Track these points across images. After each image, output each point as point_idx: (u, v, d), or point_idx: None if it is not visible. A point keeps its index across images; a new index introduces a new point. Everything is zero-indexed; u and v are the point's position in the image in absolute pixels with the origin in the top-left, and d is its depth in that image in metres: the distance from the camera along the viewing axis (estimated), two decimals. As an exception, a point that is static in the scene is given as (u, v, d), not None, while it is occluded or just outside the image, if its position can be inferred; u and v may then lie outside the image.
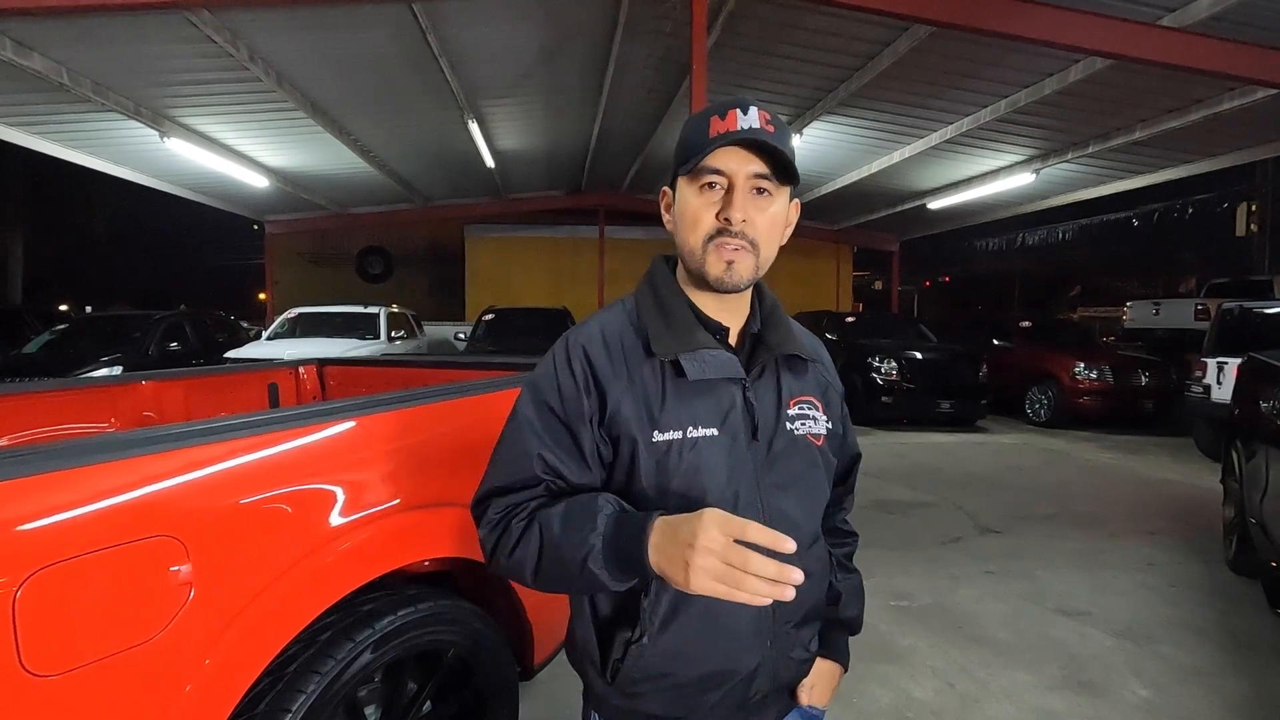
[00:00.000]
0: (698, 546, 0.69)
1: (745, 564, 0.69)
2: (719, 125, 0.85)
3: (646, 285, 0.95)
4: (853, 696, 2.53)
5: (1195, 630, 3.10)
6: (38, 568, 0.88)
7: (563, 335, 0.94)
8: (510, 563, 0.85)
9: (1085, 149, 8.78)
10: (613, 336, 0.90)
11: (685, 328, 0.89)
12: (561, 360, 0.90)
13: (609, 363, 0.88)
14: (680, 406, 0.87)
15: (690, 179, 0.87)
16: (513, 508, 0.86)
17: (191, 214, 16.78)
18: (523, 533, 0.84)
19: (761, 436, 0.90)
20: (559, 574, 0.82)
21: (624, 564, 0.77)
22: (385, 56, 7.04)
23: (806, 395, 0.96)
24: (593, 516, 0.79)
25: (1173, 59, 5.46)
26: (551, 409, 0.88)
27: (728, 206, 0.85)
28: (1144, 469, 6.54)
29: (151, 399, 2.52)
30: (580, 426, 0.87)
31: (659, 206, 0.96)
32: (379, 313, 9.69)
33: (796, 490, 0.93)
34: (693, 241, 0.87)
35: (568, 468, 0.87)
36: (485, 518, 0.88)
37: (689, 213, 0.87)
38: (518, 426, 0.90)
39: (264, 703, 1.17)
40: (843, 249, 16.66)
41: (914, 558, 3.99)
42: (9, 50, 5.85)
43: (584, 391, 0.87)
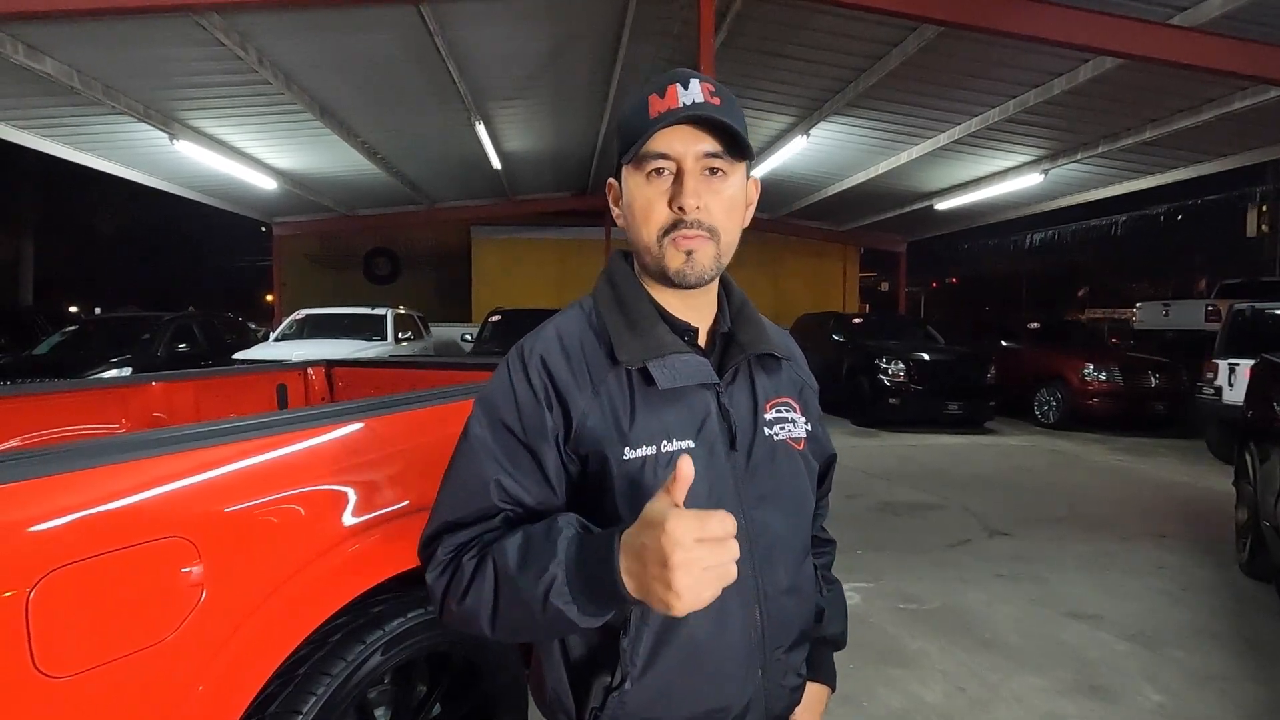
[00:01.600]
0: (674, 564, 0.58)
1: (722, 553, 0.60)
2: (659, 104, 0.77)
3: (605, 285, 0.86)
4: (862, 700, 2.52)
5: (1208, 635, 3.07)
6: (51, 569, 0.88)
7: (516, 344, 0.84)
8: (462, 610, 0.73)
9: (1094, 149, 8.73)
10: (572, 343, 0.81)
11: (651, 331, 0.80)
12: (518, 372, 0.80)
13: (570, 373, 0.79)
14: (651, 418, 0.78)
15: (635, 167, 0.79)
16: (464, 545, 0.75)
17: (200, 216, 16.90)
18: (474, 572, 0.72)
19: (740, 445, 0.82)
20: (520, 618, 0.70)
21: (594, 594, 0.66)
22: (393, 58, 7.07)
23: (783, 397, 0.89)
24: (552, 542, 0.68)
25: (1184, 58, 5.42)
26: (508, 428, 0.78)
27: (679, 193, 0.77)
28: (1154, 471, 6.50)
29: (162, 400, 2.53)
30: (542, 445, 0.77)
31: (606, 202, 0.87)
32: (386, 314, 9.73)
33: (781, 501, 0.85)
34: (646, 236, 0.79)
35: (529, 493, 0.77)
36: (434, 559, 0.77)
37: (638, 204, 0.79)
38: (470, 450, 0.79)
39: (275, 704, 1.17)
40: (849, 250, 16.62)
41: (922, 560, 3.97)
42: (21, 54, 5.89)
43: (545, 406, 0.78)
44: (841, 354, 9.61)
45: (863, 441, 7.88)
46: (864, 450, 7.38)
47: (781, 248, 15.19)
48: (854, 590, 3.53)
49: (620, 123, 0.82)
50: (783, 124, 9.38)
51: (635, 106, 0.79)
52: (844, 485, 5.77)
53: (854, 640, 3.02)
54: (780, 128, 9.48)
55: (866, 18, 6.08)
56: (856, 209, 13.65)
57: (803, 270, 15.63)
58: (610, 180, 0.86)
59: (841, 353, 9.63)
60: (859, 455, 7.09)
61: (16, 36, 5.78)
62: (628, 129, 0.79)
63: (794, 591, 0.86)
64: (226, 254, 32.57)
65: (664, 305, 0.84)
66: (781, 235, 14.99)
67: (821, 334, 10.47)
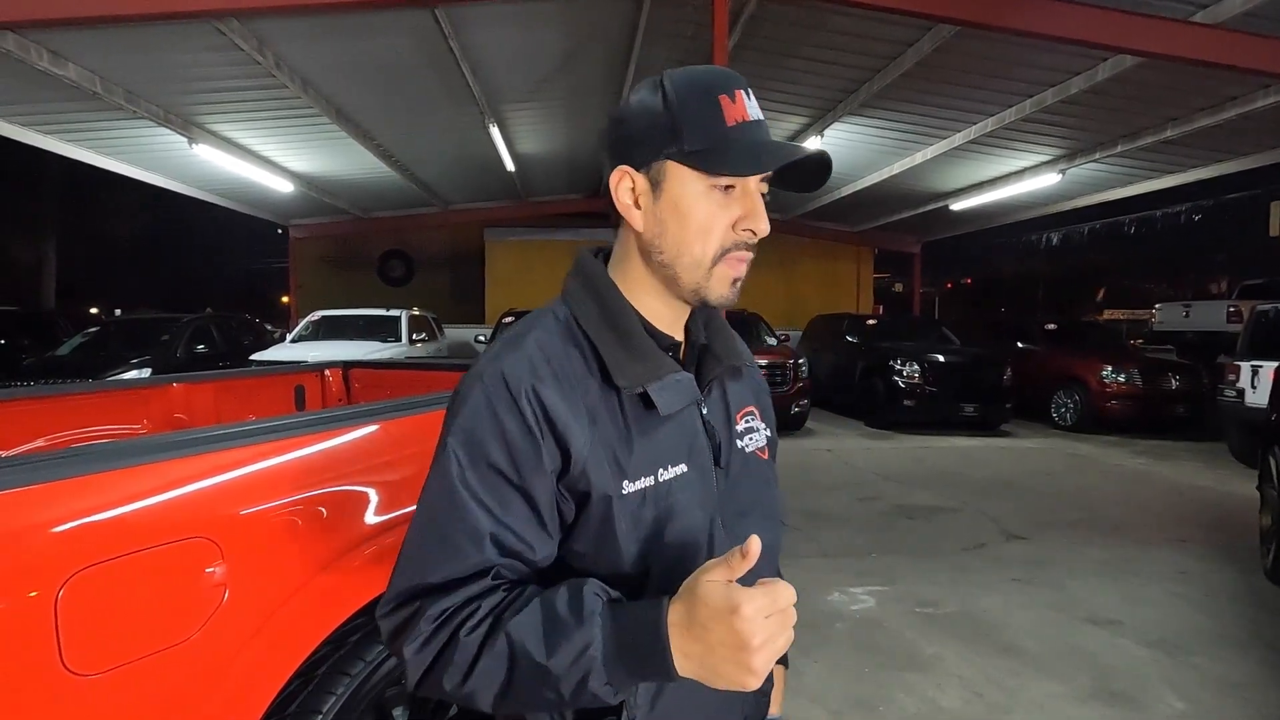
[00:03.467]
0: (755, 648, 0.57)
1: (790, 622, 0.59)
2: (733, 109, 0.70)
3: (586, 296, 0.76)
4: (878, 705, 2.51)
5: (1232, 641, 3.02)
6: (78, 569, 0.89)
7: (487, 365, 0.72)
8: (461, 692, 0.64)
9: (1113, 148, 8.63)
10: (560, 364, 0.71)
11: (647, 351, 0.73)
12: (503, 402, 0.68)
13: (566, 403, 0.69)
14: (648, 446, 0.72)
15: (698, 173, 0.70)
16: (455, 611, 0.64)
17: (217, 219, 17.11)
18: (480, 650, 0.62)
19: (722, 461, 0.78)
20: (538, 699, 0.63)
21: (639, 675, 0.61)
22: (408, 62, 7.12)
23: (748, 405, 0.86)
24: (582, 620, 0.61)
25: (1205, 56, 5.35)
26: (496, 468, 0.68)
27: (754, 216, 0.71)
28: (1175, 475, 6.40)
29: (182, 401, 2.56)
30: (538, 487, 0.68)
31: (613, 191, 0.75)
32: (400, 316, 9.80)
33: (757, 514, 0.82)
34: (699, 252, 0.72)
35: (528, 545, 0.68)
36: (414, 629, 0.64)
37: (699, 218, 0.71)
38: (451, 496, 0.67)
39: (295, 703, 1.18)
40: (863, 251, 16.51)
41: (938, 564, 3.94)
42: (45, 60, 5.99)
43: (539, 441, 0.68)
44: (855, 355, 9.56)
45: (876, 444, 7.83)
46: (878, 452, 7.33)
47: (795, 249, 15.13)
48: (869, 593, 3.50)
49: (672, 107, 0.71)
50: (796, 125, 9.35)
51: (701, 99, 0.70)
52: (858, 487, 5.73)
53: (869, 644, 3.02)
54: (794, 128, 9.45)
55: (881, 18, 6.05)
56: (871, 210, 13.57)
57: (816, 271, 15.55)
58: (626, 169, 0.73)
59: (855, 354, 9.58)
60: (873, 457, 7.05)
61: (40, 43, 5.88)
62: (695, 124, 0.70)
63: None
64: (243, 256, 32.97)
65: (649, 317, 0.77)
66: (795, 236, 14.93)
67: (835, 335, 10.42)
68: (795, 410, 8.21)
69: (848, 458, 7.02)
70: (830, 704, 2.50)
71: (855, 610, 3.31)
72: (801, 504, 5.15)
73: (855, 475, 6.21)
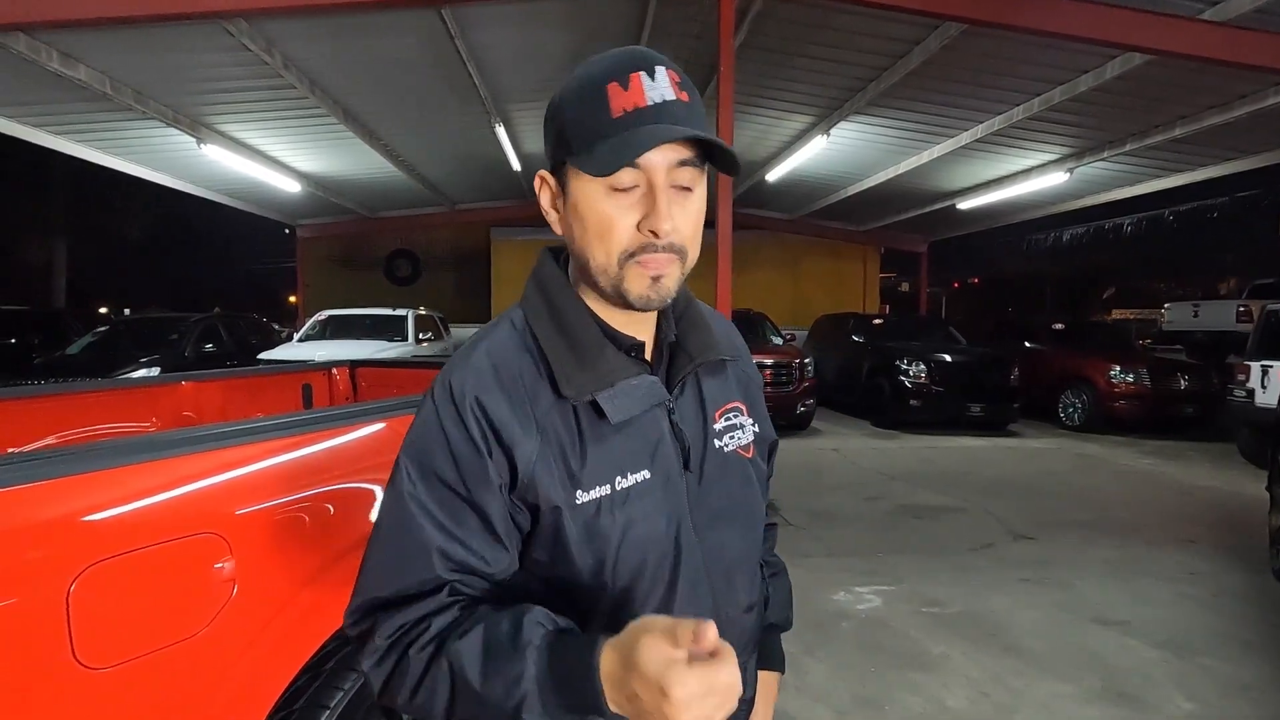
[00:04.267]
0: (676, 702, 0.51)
1: (731, 696, 0.53)
2: (621, 97, 0.64)
3: (540, 299, 0.74)
4: (884, 704, 2.50)
5: (1241, 642, 3.00)
6: (90, 563, 0.90)
7: (446, 372, 0.72)
8: (412, 707, 0.64)
9: (1122, 147, 8.57)
10: (509, 373, 0.70)
11: (597, 356, 0.70)
12: (449, 414, 0.68)
13: (510, 414, 0.68)
14: (602, 454, 0.70)
15: (590, 172, 0.65)
16: (408, 629, 0.64)
17: (225, 219, 17.19)
18: (426, 670, 0.63)
19: (692, 465, 0.75)
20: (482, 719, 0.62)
21: (573, 709, 0.59)
22: (415, 62, 7.14)
23: (732, 401, 0.81)
24: (520, 651, 0.59)
25: (1216, 54, 5.30)
26: (445, 481, 0.67)
27: (654, 215, 0.65)
28: (1183, 475, 6.36)
29: (191, 399, 2.58)
30: (486, 498, 0.67)
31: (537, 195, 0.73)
32: (407, 315, 9.83)
33: (735, 518, 0.78)
34: (602, 257, 0.67)
35: (478, 557, 0.67)
36: (371, 644, 0.65)
37: (595, 220, 0.67)
38: (402, 510, 0.67)
39: (303, 698, 1.19)
40: (869, 250, 16.45)
41: (944, 564, 3.93)
42: (55, 61, 6.04)
43: (485, 453, 0.67)
44: (861, 355, 9.53)
45: (882, 443, 7.81)
46: (884, 452, 7.31)
47: (801, 248, 15.10)
48: (874, 593, 3.50)
49: (564, 106, 0.67)
50: (802, 124, 9.33)
51: (588, 91, 0.66)
52: (864, 487, 5.72)
53: (875, 644, 3.01)
54: (800, 127, 9.43)
55: (888, 16, 6.02)
56: (877, 209, 13.53)
57: (822, 271, 15.50)
58: (542, 174, 0.72)
59: (861, 354, 9.56)
60: (879, 457, 7.03)
61: (51, 44, 5.93)
62: (578, 122, 0.66)
63: (752, 608, 0.82)
64: (251, 256, 33.12)
65: (606, 320, 0.73)
66: (801, 236, 14.90)
67: (841, 335, 10.40)
68: (801, 410, 8.19)
69: (853, 457, 7.00)
70: (835, 703, 2.50)
71: (861, 610, 3.30)
72: (807, 503, 5.14)
73: (861, 475, 6.20)
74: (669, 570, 0.72)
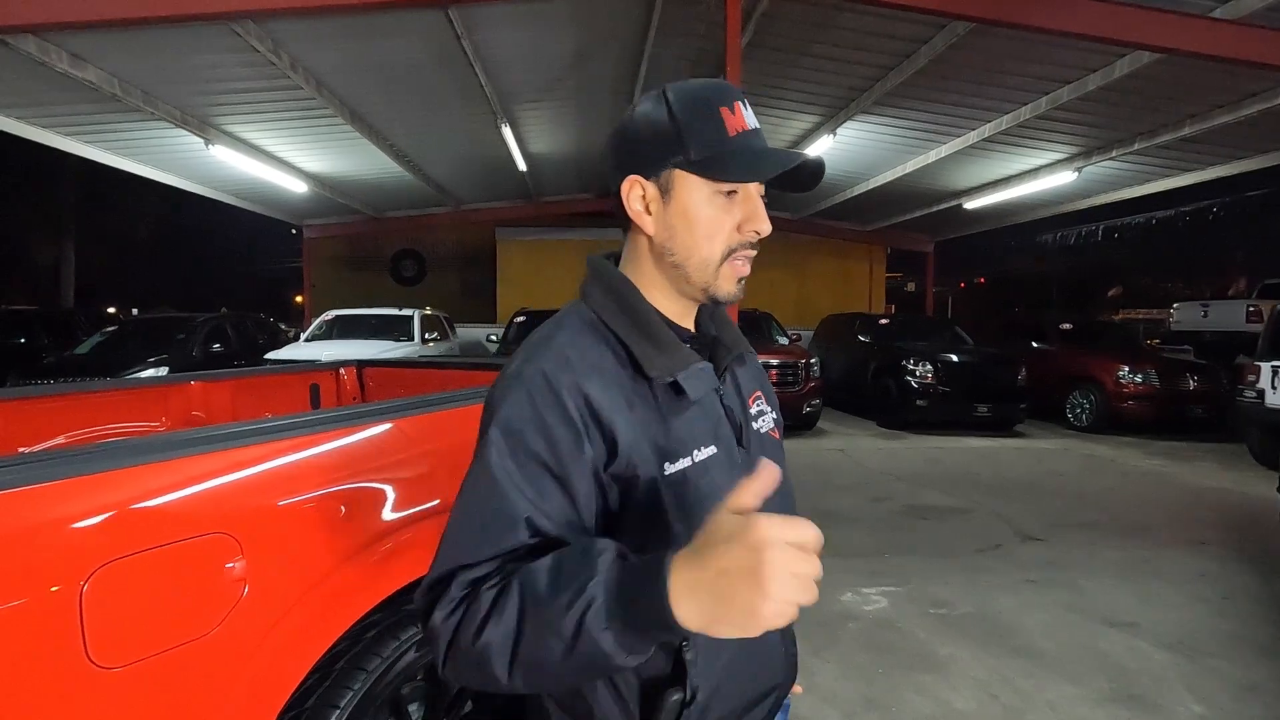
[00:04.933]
0: (767, 562, 0.52)
1: (812, 561, 0.54)
2: (733, 120, 0.76)
3: (604, 295, 0.82)
4: (891, 706, 2.49)
5: (1252, 645, 2.98)
6: (101, 563, 0.90)
7: (527, 362, 0.76)
8: (476, 649, 0.62)
9: (1130, 146, 8.52)
10: (594, 358, 0.76)
11: (671, 342, 0.78)
12: (545, 396, 0.72)
13: (605, 392, 0.74)
14: (682, 430, 0.77)
15: (703, 179, 0.76)
16: (482, 579, 0.66)
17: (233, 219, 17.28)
18: (495, 600, 0.63)
19: (743, 442, 0.85)
20: (546, 653, 0.60)
21: (638, 620, 0.57)
22: (421, 62, 7.15)
23: (756, 391, 0.93)
24: (590, 560, 0.61)
25: (1225, 52, 5.27)
26: (539, 459, 0.70)
27: (756, 218, 0.78)
28: (1193, 476, 6.32)
29: (200, 399, 2.59)
30: (577, 479, 0.71)
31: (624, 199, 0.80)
32: (413, 315, 9.85)
33: (776, 492, 0.82)
34: (707, 253, 0.78)
35: (561, 532, 0.70)
36: (444, 598, 0.66)
37: (705, 222, 0.77)
38: (490, 483, 0.70)
39: (313, 698, 1.19)
40: (875, 250, 16.41)
41: (952, 565, 3.91)
42: (65, 62, 6.08)
43: (583, 434, 0.71)
44: (868, 355, 9.50)
45: (889, 444, 7.79)
46: (890, 452, 7.29)
47: (806, 248, 15.06)
48: (881, 594, 3.49)
49: (676, 116, 0.76)
50: (809, 123, 9.31)
51: (703, 111, 0.76)
52: (870, 488, 5.70)
53: (882, 645, 3.00)
54: (806, 127, 9.41)
55: (895, 15, 6.01)
56: (883, 209, 13.49)
57: (828, 270, 15.47)
58: (636, 178, 0.79)
59: (868, 354, 9.53)
60: (885, 457, 7.01)
61: (60, 45, 5.96)
62: (699, 136, 0.75)
63: None
64: (258, 256, 33.28)
65: (665, 313, 0.83)
66: (807, 235, 14.85)
67: (847, 335, 10.37)
68: (807, 410, 8.17)
69: (860, 458, 6.98)
70: (842, 704, 2.49)
71: (868, 611, 3.29)
72: (814, 504, 5.13)
73: (867, 475, 6.18)
74: None
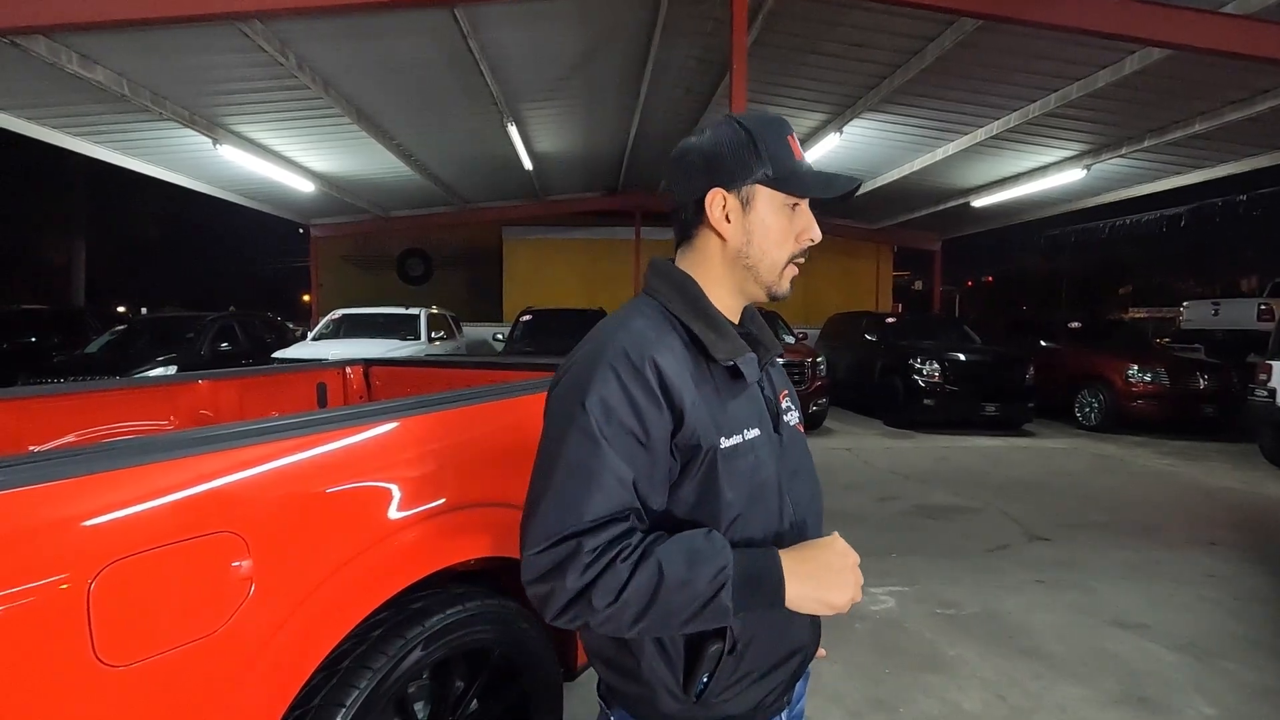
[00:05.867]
0: (851, 566, 0.86)
1: (856, 563, 0.87)
2: (795, 147, 0.92)
3: (673, 291, 0.93)
4: (899, 706, 2.48)
5: (1264, 647, 2.95)
6: (109, 562, 0.91)
7: (609, 342, 0.86)
8: (610, 609, 0.77)
9: (1140, 143, 8.46)
10: (666, 340, 0.87)
11: (731, 332, 0.91)
12: (629, 373, 0.82)
13: (678, 369, 0.85)
14: (736, 409, 0.89)
15: (779, 194, 0.91)
16: (610, 545, 0.78)
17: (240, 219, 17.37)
18: (633, 572, 0.77)
19: (779, 429, 0.96)
20: (673, 615, 0.78)
21: (756, 596, 0.80)
22: (428, 62, 7.16)
23: (784, 389, 1.03)
24: (718, 549, 0.80)
25: (1236, 48, 5.22)
26: (631, 431, 0.81)
27: (812, 228, 0.93)
28: (1203, 476, 6.27)
29: (208, 398, 2.60)
30: (659, 447, 0.83)
31: (707, 208, 0.92)
32: (419, 314, 9.86)
33: (805, 475, 0.99)
34: (777, 256, 0.92)
35: (650, 497, 0.84)
36: (576, 559, 0.77)
37: (778, 230, 0.92)
38: (595, 447, 0.80)
39: (319, 696, 1.19)
40: (882, 249, 16.37)
41: (960, 565, 3.89)
42: (75, 63, 6.11)
43: (662, 408, 0.83)
44: (874, 354, 9.47)
45: (896, 443, 7.76)
46: (897, 452, 7.26)
47: (813, 246, 15.01)
48: (889, 594, 3.47)
49: (757, 142, 0.90)
50: (815, 122, 9.28)
51: (776, 137, 0.91)
52: (877, 487, 5.68)
53: (889, 645, 2.99)
54: (813, 125, 9.38)
55: (902, 12, 5.97)
56: (890, 207, 13.44)
57: (835, 269, 15.43)
58: (719, 190, 0.91)
59: (874, 353, 9.50)
60: (892, 457, 6.98)
61: (70, 46, 6.00)
62: (779, 159, 0.90)
63: None
64: (266, 255, 33.43)
65: (721, 309, 0.94)
66: (813, 234, 14.82)
67: (854, 334, 10.33)
68: (814, 409, 8.15)
69: (867, 457, 6.96)
70: (849, 704, 2.49)
71: (875, 611, 3.28)
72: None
73: (874, 475, 6.16)
74: (778, 509, 0.92)
